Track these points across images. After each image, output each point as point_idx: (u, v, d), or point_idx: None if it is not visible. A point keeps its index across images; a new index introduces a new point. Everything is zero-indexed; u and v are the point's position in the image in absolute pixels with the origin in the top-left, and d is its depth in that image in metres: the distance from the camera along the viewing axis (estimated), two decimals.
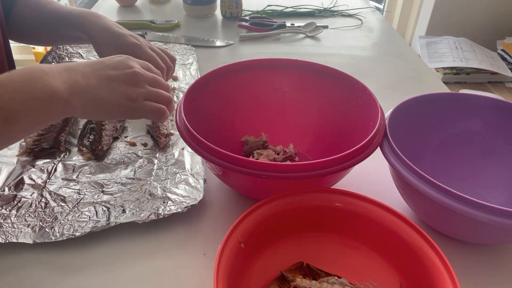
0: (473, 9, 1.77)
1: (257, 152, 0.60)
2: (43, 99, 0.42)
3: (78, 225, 0.49)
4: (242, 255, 0.40)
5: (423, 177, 0.42)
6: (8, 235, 0.47)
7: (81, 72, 0.47)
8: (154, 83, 0.52)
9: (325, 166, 0.43)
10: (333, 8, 1.22)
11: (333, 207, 0.45)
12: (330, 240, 0.46)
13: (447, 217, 0.45)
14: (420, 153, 0.56)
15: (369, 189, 0.51)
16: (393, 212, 0.43)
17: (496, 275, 0.46)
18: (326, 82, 0.60)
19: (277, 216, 0.44)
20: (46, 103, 0.43)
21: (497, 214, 0.39)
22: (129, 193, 0.54)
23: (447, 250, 0.47)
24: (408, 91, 0.82)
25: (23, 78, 0.42)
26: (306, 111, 0.62)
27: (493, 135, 0.56)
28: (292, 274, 0.42)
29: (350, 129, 0.57)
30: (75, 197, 0.53)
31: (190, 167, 0.57)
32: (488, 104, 0.56)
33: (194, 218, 0.52)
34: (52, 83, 0.43)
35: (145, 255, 0.48)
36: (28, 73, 0.43)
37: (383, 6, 1.99)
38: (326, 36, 1.07)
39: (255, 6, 1.20)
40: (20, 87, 0.41)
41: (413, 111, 0.55)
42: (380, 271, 0.44)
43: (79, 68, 0.47)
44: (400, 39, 1.09)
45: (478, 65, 1.59)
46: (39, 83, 0.42)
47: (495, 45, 1.76)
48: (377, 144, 0.48)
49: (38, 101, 0.42)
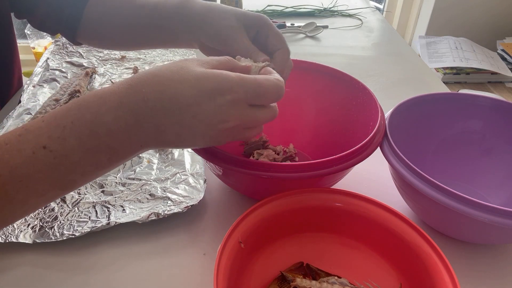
0: (473, 9, 1.77)
1: (257, 152, 0.60)
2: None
3: (78, 225, 0.49)
4: (242, 255, 0.40)
5: (423, 177, 0.42)
6: (8, 235, 0.47)
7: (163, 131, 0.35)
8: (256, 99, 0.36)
9: (325, 166, 0.43)
10: (333, 8, 1.22)
11: (333, 207, 0.45)
12: (330, 240, 0.46)
13: (447, 217, 0.45)
14: (420, 153, 0.56)
15: (369, 189, 0.51)
16: (393, 212, 0.43)
17: (496, 275, 0.46)
18: (326, 82, 0.60)
19: (277, 216, 0.44)
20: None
21: (497, 214, 0.39)
22: (129, 193, 0.54)
23: (447, 250, 0.47)
24: (408, 91, 0.82)
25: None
26: (306, 111, 0.62)
27: (493, 135, 0.56)
28: (292, 274, 0.42)
29: (350, 129, 0.57)
30: (75, 197, 0.53)
31: (190, 167, 0.57)
32: (488, 104, 0.56)
33: (194, 218, 0.52)
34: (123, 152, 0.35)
35: (145, 255, 0.47)
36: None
37: (383, 6, 1.98)
38: (326, 36, 1.07)
39: (255, 6, 1.20)
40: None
41: (413, 111, 0.55)
42: (380, 271, 0.44)
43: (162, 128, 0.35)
44: (400, 39, 1.09)
45: (478, 65, 1.59)
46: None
47: (495, 45, 1.76)
48: (377, 144, 0.48)
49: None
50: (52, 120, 0.33)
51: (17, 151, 0.32)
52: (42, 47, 1.90)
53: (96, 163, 0.34)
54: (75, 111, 0.33)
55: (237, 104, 0.35)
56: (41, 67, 0.82)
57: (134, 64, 0.85)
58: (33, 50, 2.01)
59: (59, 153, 0.32)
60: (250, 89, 0.35)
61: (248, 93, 0.35)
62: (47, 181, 0.33)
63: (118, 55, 0.88)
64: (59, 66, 0.82)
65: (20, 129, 0.33)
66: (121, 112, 0.33)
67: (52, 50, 0.88)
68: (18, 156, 0.32)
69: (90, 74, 0.79)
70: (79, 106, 0.34)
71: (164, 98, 0.33)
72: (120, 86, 0.34)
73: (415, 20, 1.93)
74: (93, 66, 0.84)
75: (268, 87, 0.36)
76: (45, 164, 0.32)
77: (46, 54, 0.87)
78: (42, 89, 0.75)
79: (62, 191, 0.35)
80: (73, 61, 0.85)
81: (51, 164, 0.32)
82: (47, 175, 0.33)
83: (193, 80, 0.34)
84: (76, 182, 0.35)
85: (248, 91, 0.35)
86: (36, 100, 0.71)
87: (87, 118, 0.33)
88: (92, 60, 0.86)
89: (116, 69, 0.83)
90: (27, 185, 0.32)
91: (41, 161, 0.32)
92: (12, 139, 0.32)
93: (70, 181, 0.34)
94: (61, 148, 0.32)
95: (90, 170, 0.34)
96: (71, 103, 0.34)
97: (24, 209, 0.34)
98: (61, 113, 0.34)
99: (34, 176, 0.32)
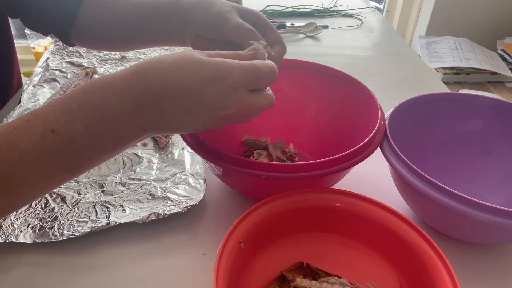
0: (473, 9, 1.77)
1: (257, 152, 0.60)
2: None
3: (78, 225, 0.49)
4: (242, 255, 0.40)
5: (423, 177, 0.42)
6: (8, 235, 0.47)
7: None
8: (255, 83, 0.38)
9: (325, 166, 0.43)
10: (333, 8, 1.22)
11: (333, 207, 0.45)
12: (330, 240, 0.46)
13: (447, 217, 0.45)
14: (420, 153, 0.56)
15: (369, 189, 0.51)
16: (393, 212, 0.43)
17: (496, 275, 0.46)
18: (326, 82, 0.60)
19: (277, 216, 0.44)
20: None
21: (497, 214, 0.39)
22: (129, 193, 0.54)
23: (447, 250, 0.47)
24: (408, 91, 0.82)
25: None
26: (306, 111, 0.62)
27: (493, 135, 0.56)
28: (292, 274, 0.42)
29: (350, 129, 0.57)
30: (75, 197, 0.53)
31: (190, 167, 0.57)
32: (488, 104, 0.56)
33: (194, 218, 0.52)
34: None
35: (145, 255, 0.47)
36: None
37: (383, 6, 1.98)
38: (326, 36, 1.07)
39: (255, 6, 1.20)
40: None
41: (413, 111, 0.55)
42: (380, 271, 0.43)
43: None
44: (400, 39, 1.09)
45: (478, 65, 1.59)
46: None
47: (495, 45, 1.76)
48: (377, 144, 0.48)
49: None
50: (59, 105, 0.34)
51: (27, 134, 0.32)
52: (42, 47, 1.89)
53: (102, 147, 0.35)
54: (82, 96, 0.34)
55: (237, 89, 0.36)
56: (41, 67, 0.82)
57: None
58: (33, 50, 2.01)
59: (67, 137, 0.33)
60: (249, 73, 0.36)
61: (247, 77, 0.36)
62: (55, 165, 0.34)
63: (118, 55, 0.88)
64: (59, 66, 0.82)
65: (28, 114, 0.34)
66: (126, 97, 0.34)
67: (52, 50, 0.88)
68: (27, 140, 0.32)
69: (90, 74, 0.79)
70: (85, 91, 0.34)
71: (168, 84, 0.34)
72: (126, 72, 0.35)
73: (415, 20, 1.93)
74: (93, 66, 0.84)
75: (266, 70, 0.37)
76: (53, 148, 0.33)
77: (46, 54, 0.87)
78: (42, 89, 0.75)
79: (70, 175, 0.36)
80: (73, 61, 0.85)
81: (59, 147, 0.33)
82: (56, 159, 0.33)
83: (197, 66, 0.35)
84: (83, 166, 0.36)
85: (247, 75, 0.36)
86: (36, 100, 0.71)
87: (93, 102, 0.34)
88: (92, 60, 0.86)
89: (116, 69, 0.83)
90: (36, 169, 0.33)
91: (50, 144, 0.33)
92: (21, 124, 0.33)
93: (77, 165, 0.35)
94: (68, 132, 0.33)
95: (96, 154, 0.35)
96: (77, 89, 0.35)
97: (32, 193, 0.34)
98: (68, 99, 0.34)
99: (43, 160, 0.33)
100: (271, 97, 0.39)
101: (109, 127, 0.34)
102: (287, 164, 0.43)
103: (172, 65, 0.35)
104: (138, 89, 0.34)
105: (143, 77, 0.34)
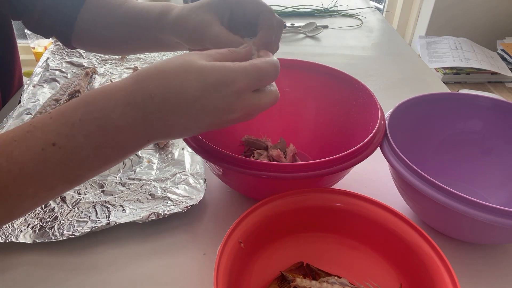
0: (473, 9, 1.77)
1: (257, 152, 0.60)
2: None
3: (78, 225, 0.49)
4: (242, 255, 0.40)
5: (423, 177, 0.42)
6: (8, 235, 0.47)
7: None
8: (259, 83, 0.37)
9: (325, 166, 0.43)
10: (333, 8, 1.22)
11: (333, 207, 0.45)
12: (330, 240, 0.46)
13: (447, 217, 0.45)
14: (420, 153, 0.56)
15: (369, 189, 0.51)
16: (393, 212, 0.43)
17: (496, 275, 0.46)
18: (326, 82, 0.60)
19: (277, 216, 0.44)
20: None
21: (497, 214, 0.39)
22: (129, 193, 0.54)
23: (447, 250, 0.47)
24: (408, 91, 0.82)
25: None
26: (306, 111, 0.62)
27: (493, 135, 0.56)
28: (292, 274, 0.42)
29: (350, 129, 0.57)
30: (75, 197, 0.53)
31: (190, 167, 0.57)
32: (488, 104, 0.56)
33: (194, 218, 0.52)
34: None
35: (145, 255, 0.47)
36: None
37: (383, 6, 1.98)
38: (326, 36, 1.07)
39: None
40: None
41: (413, 111, 0.55)
42: (380, 271, 0.43)
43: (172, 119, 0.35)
44: (400, 39, 1.09)
45: (478, 65, 1.59)
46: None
47: (495, 45, 1.76)
48: (377, 144, 0.48)
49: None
50: (60, 117, 0.33)
51: (26, 147, 0.32)
52: (42, 47, 1.89)
53: (104, 158, 0.35)
54: (83, 108, 0.34)
55: (242, 94, 0.35)
56: (41, 67, 0.82)
57: (134, 64, 0.85)
58: (33, 50, 2.01)
59: (68, 150, 0.33)
60: (252, 75, 0.35)
61: (250, 80, 0.35)
62: (56, 176, 0.33)
63: (118, 55, 0.88)
64: (59, 66, 0.83)
65: (27, 125, 0.33)
66: (128, 108, 0.33)
67: (52, 50, 0.88)
68: (27, 152, 0.32)
69: (90, 74, 0.79)
70: (86, 103, 0.34)
71: (170, 93, 0.34)
72: (127, 82, 0.35)
73: (415, 20, 1.93)
74: (93, 66, 0.84)
75: (268, 68, 0.37)
76: (54, 160, 0.33)
77: (46, 54, 0.87)
78: (42, 89, 0.75)
79: (71, 185, 0.35)
80: (73, 61, 0.85)
81: (60, 160, 0.33)
82: (56, 171, 0.33)
83: (197, 73, 0.34)
84: (84, 176, 0.35)
85: (250, 78, 0.35)
86: (36, 100, 0.71)
87: (95, 115, 0.33)
88: (92, 60, 0.86)
89: (116, 69, 0.83)
90: (37, 180, 0.33)
91: (50, 157, 0.32)
92: (21, 136, 0.33)
93: (79, 176, 0.35)
94: (70, 145, 0.33)
95: (97, 165, 0.35)
96: (78, 100, 0.34)
97: (34, 201, 0.34)
98: (68, 110, 0.34)
99: (44, 171, 0.33)
100: (275, 93, 0.39)
101: (111, 139, 0.34)
102: (287, 164, 0.43)
103: (173, 72, 0.34)
104: (140, 100, 0.33)
105: (144, 86, 0.34)
